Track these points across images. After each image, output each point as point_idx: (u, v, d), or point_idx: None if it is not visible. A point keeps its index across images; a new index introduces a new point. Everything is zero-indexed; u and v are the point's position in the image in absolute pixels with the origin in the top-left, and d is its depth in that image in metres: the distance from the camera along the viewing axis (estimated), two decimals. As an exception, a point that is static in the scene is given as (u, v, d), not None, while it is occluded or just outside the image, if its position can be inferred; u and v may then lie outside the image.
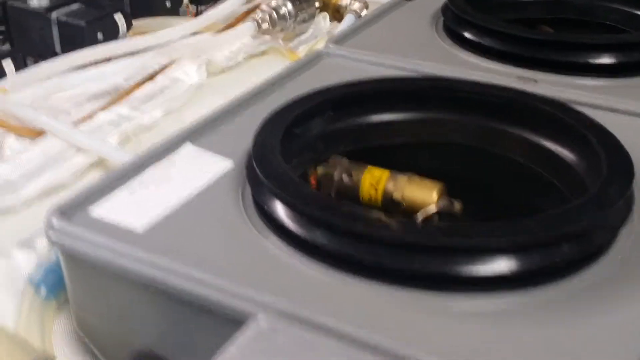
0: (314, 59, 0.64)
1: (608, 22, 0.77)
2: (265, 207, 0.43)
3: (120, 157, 0.56)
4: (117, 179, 0.46)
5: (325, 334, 0.35)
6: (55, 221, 0.42)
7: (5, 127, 0.60)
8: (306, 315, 0.36)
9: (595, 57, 0.62)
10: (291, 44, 0.82)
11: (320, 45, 0.83)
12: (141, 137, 0.63)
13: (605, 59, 0.62)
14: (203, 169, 0.48)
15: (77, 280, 0.43)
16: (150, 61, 0.71)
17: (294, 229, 0.41)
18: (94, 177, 0.55)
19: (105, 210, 0.44)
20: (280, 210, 0.42)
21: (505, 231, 0.38)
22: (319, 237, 0.40)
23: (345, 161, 0.54)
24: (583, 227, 0.39)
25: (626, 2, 0.75)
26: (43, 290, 0.46)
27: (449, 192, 0.51)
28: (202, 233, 0.43)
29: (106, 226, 0.42)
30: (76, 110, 0.64)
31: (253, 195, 0.45)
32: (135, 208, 0.44)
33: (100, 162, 0.58)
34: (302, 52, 0.82)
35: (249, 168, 0.45)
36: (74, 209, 0.43)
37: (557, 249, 0.38)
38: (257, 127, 0.49)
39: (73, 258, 0.42)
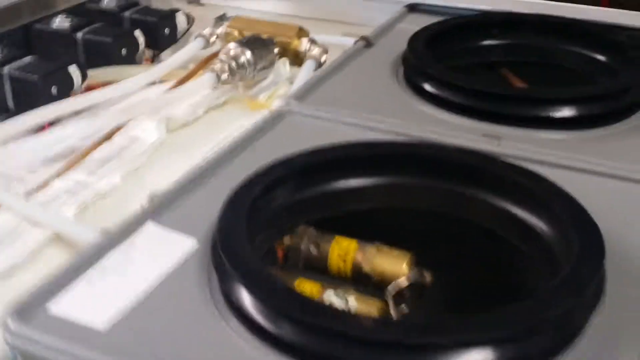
0: (276, 118, 0.63)
1: (568, 66, 0.77)
2: (232, 297, 0.41)
3: (78, 232, 0.54)
4: (75, 268, 0.44)
5: None
6: (11, 323, 0.40)
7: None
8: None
9: (556, 111, 0.61)
10: (251, 92, 0.81)
11: (281, 91, 0.82)
12: (99, 204, 0.61)
13: (567, 112, 0.62)
14: (167, 251, 0.47)
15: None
16: (107, 120, 0.69)
17: (259, 320, 0.40)
18: (51, 256, 0.53)
19: (64, 306, 0.42)
20: (246, 301, 0.41)
21: (480, 326, 0.37)
22: (286, 330, 0.39)
23: (312, 231, 0.53)
24: (559, 315, 0.38)
25: (585, 46, 0.76)
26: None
27: (418, 260, 0.50)
28: (168, 326, 0.41)
29: (66, 326, 0.40)
30: (31, 177, 0.62)
31: (219, 283, 0.43)
32: (96, 302, 0.42)
33: (58, 237, 0.56)
34: (262, 99, 0.81)
35: (215, 255, 0.44)
36: (31, 308, 0.41)
37: (533, 340, 0.38)
38: (221, 202, 0.48)
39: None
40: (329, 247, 0.51)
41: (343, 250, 0.51)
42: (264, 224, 0.49)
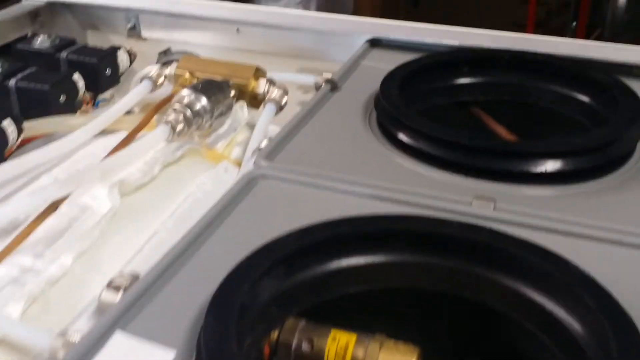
0: (248, 184, 0.57)
1: (543, 104, 0.73)
2: None
3: (29, 337, 0.47)
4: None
5: None
6: None
7: None
8: None
9: (547, 166, 0.57)
10: (209, 140, 0.74)
11: (240, 137, 0.76)
12: (50, 293, 0.53)
13: (558, 167, 0.58)
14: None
15: None
16: (52, 189, 0.61)
17: None
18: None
19: None
20: None
21: None
22: None
23: (303, 324, 0.47)
24: None
25: (559, 83, 0.72)
26: None
27: (425, 350, 0.45)
28: None
29: None
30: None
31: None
32: None
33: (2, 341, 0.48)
34: (221, 148, 0.74)
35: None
36: None
37: None
38: (200, 296, 0.42)
39: None
40: (324, 344, 0.45)
41: (342, 348, 0.45)
42: (251, 322, 0.43)
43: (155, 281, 0.46)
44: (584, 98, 0.71)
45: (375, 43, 0.83)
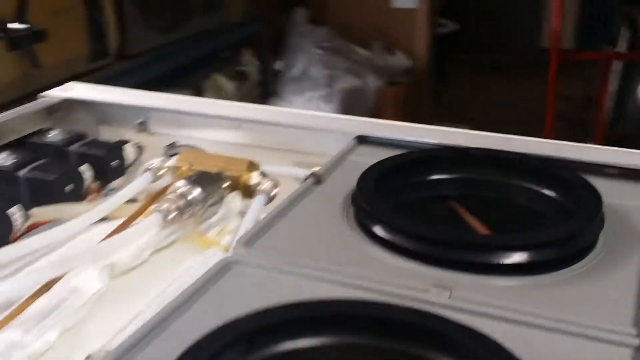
0: (223, 268, 0.61)
1: (518, 201, 0.77)
2: None
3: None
4: None
5: None
6: None
7: None
8: None
9: (507, 258, 0.61)
10: (201, 228, 0.79)
11: (231, 226, 0.81)
12: (34, 368, 0.57)
13: (518, 259, 0.61)
14: None
15: None
16: (47, 271, 0.66)
17: None
18: None
19: None
20: None
21: None
22: None
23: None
24: None
25: (533, 182, 0.76)
26: None
27: None
28: None
29: None
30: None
31: None
32: None
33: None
34: (213, 235, 0.79)
35: None
36: None
37: None
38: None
39: None
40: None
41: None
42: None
43: (122, 356, 0.50)
44: (557, 196, 0.75)
45: (362, 140, 0.88)
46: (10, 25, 2.03)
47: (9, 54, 2.02)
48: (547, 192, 0.75)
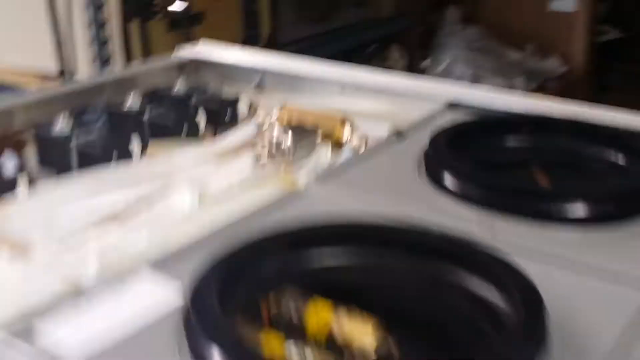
0: (292, 197, 0.68)
1: (594, 168, 0.79)
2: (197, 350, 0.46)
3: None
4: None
5: None
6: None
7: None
8: None
9: (561, 208, 0.64)
10: (290, 172, 0.87)
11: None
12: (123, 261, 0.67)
13: (572, 210, 0.64)
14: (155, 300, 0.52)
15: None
16: (151, 189, 0.76)
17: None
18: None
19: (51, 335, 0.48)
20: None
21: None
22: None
23: (295, 294, 0.57)
24: None
25: (610, 150, 0.78)
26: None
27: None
28: None
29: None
30: (72, 237, 0.70)
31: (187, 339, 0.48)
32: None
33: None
34: (299, 178, 0.86)
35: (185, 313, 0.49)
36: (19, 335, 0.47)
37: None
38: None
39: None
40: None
41: (322, 322, 0.54)
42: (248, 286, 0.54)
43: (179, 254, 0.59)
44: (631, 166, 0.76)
45: (452, 106, 0.92)
46: (171, 7, 2.23)
47: (168, 33, 2.22)
48: (622, 161, 0.76)
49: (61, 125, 0.88)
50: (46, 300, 0.52)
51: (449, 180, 0.70)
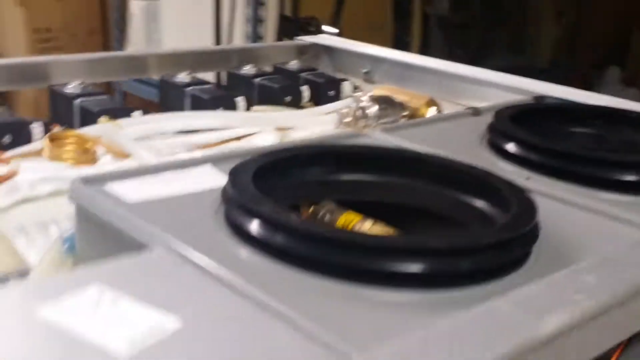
0: (351, 136, 0.76)
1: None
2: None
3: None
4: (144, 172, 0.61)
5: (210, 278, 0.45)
6: (77, 184, 0.57)
7: (108, 150, 0.79)
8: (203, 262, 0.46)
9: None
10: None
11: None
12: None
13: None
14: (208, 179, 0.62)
15: (81, 228, 0.57)
16: (243, 128, 0.87)
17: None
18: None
19: (116, 188, 0.58)
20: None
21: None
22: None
23: (331, 204, 0.64)
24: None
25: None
26: (66, 247, 0.61)
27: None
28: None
29: (109, 195, 0.56)
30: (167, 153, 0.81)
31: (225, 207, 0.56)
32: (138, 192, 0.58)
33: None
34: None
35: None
36: (94, 182, 0.58)
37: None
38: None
39: (81, 211, 0.57)
40: (338, 217, 0.62)
41: (348, 222, 0.61)
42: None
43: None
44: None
45: (539, 99, 0.96)
46: (325, 27, 2.38)
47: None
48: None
49: (181, 77, 1.02)
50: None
51: (501, 140, 0.74)
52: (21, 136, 0.81)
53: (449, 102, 1.06)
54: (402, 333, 0.39)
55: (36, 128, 0.83)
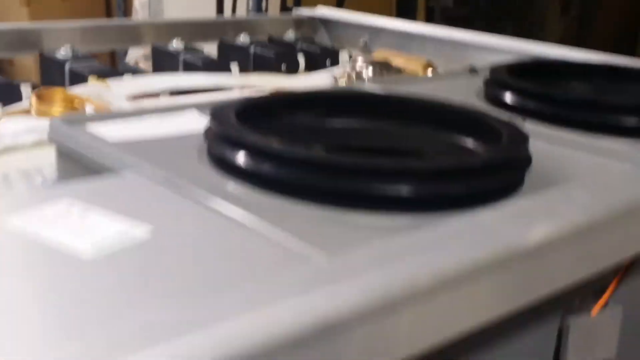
0: (344, 89, 0.75)
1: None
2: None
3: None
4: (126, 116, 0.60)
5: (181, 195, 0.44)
6: (56, 123, 0.56)
7: (97, 108, 0.78)
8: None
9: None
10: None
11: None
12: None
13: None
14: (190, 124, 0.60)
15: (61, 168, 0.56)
16: (236, 92, 0.86)
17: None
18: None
19: (97, 128, 0.57)
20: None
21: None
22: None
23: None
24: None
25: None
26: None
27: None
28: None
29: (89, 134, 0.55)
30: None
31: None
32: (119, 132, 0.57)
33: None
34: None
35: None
36: (74, 122, 0.57)
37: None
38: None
39: (61, 150, 0.56)
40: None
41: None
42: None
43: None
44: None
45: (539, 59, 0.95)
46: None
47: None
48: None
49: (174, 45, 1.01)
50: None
51: (494, 89, 0.73)
52: (11, 98, 0.80)
53: (449, 68, 1.04)
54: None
55: (25, 90, 0.82)
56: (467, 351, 0.44)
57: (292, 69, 1.04)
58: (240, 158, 0.48)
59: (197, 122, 0.60)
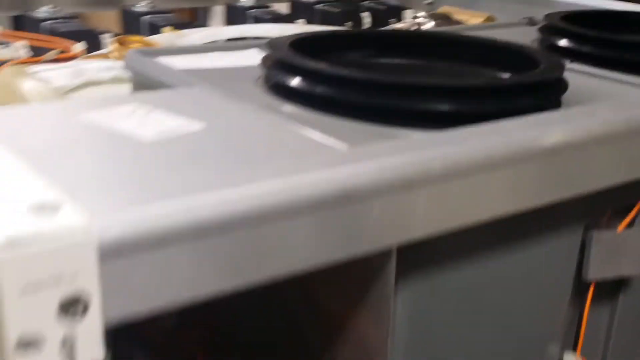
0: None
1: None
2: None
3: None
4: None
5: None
6: (132, 54, 0.62)
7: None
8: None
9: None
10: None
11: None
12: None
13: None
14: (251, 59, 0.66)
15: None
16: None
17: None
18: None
19: (167, 59, 0.63)
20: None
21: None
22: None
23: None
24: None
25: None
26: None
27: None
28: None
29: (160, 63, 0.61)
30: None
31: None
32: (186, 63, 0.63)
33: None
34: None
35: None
36: (147, 54, 0.63)
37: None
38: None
39: (135, 78, 0.62)
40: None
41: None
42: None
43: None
44: None
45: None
46: None
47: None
48: None
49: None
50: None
51: (550, 36, 0.75)
52: (92, 45, 0.88)
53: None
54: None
55: (106, 38, 0.89)
56: (487, 258, 0.48)
57: (357, 25, 1.08)
58: (292, 80, 0.53)
59: (258, 58, 0.66)
